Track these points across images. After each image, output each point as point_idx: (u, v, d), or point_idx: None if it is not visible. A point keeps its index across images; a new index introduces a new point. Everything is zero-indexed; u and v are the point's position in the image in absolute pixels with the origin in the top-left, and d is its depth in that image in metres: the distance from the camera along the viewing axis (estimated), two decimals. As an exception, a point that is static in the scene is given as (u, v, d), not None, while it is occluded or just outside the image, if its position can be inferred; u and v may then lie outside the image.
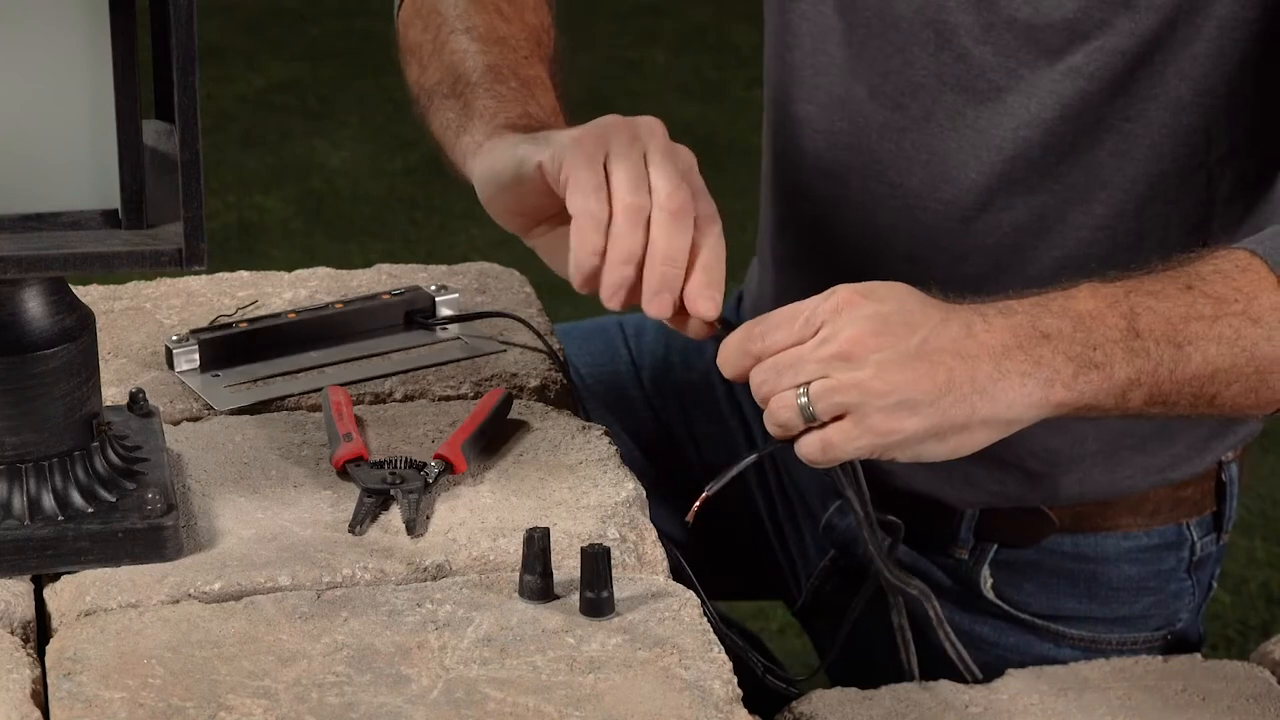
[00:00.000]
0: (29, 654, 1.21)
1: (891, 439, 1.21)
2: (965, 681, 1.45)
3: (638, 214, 1.28)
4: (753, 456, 1.30)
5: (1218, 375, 1.25)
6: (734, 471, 1.28)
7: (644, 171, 1.30)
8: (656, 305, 1.28)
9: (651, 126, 1.33)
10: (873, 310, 1.21)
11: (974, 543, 1.66)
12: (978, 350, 1.21)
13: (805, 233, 1.67)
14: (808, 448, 1.23)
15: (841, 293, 1.22)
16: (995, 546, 1.66)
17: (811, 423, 1.22)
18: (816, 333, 1.22)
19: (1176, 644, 1.68)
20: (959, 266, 1.56)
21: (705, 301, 1.29)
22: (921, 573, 1.67)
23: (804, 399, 1.21)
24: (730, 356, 1.26)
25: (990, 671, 1.47)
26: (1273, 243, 1.28)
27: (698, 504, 1.28)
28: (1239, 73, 1.47)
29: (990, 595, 1.66)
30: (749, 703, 1.19)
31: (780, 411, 1.23)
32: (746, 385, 1.78)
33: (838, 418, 1.21)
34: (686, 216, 1.28)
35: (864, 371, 1.20)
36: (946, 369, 1.20)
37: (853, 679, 1.50)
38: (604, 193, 1.29)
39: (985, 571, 1.66)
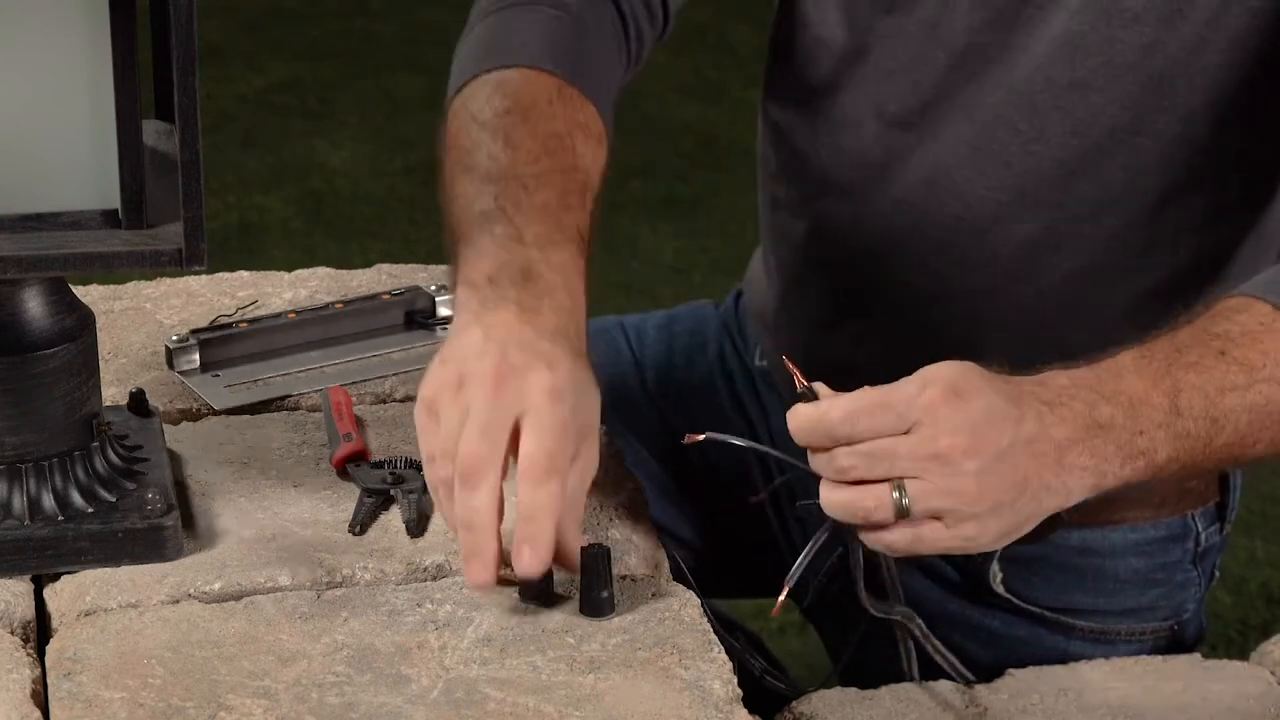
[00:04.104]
0: (29, 654, 1.21)
1: (975, 542, 1.24)
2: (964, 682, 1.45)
3: (433, 480, 1.25)
4: (821, 536, 1.27)
5: (1245, 439, 1.29)
6: (807, 554, 1.27)
7: (453, 443, 1.23)
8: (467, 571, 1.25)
9: (524, 391, 1.24)
10: (965, 416, 1.22)
11: None
12: (1046, 448, 1.23)
13: (810, 246, 1.67)
14: (897, 538, 1.23)
15: (934, 391, 1.22)
16: None
17: (901, 518, 1.22)
18: (909, 428, 1.22)
19: (1182, 634, 1.69)
20: (970, 277, 1.56)
21: (519, 557, 1.22)
22: (931, 568, 1.67)
23: (901, 497, 1.22)
24: (807, 432, 1.24)
25: (1001, 665, 1.47)
26: None
27: (782, 597, 1.26)
28: (1249, 82, 1.47)
29: (1000, 590, 1.67)
30: (749, 703, 1.19)
31: (867, 499, 1.22)
32: (751, 386, 1.80)
33: (930, 517, 1.23)
34: (479, 479, 1.22)
35: (963, 480, 1.21)
36: (1023, 470, 1.23)
37: (853, 679, 1.50)
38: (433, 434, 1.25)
39: (994, 567, 1.66)
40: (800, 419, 1.25)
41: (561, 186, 1.38)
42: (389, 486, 1.35)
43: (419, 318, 1.60)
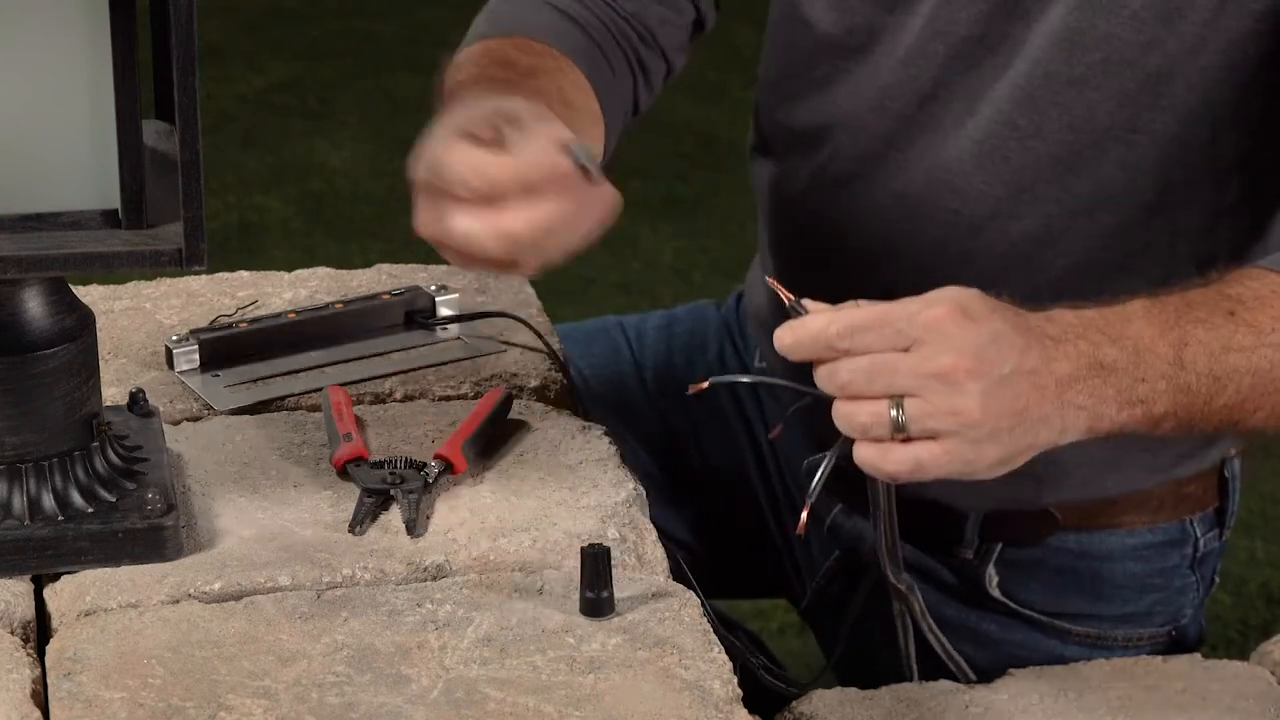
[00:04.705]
0: (29, 654, 1.21)
1: (972, 467, 1.23)
2: (962, 680, 1.45)
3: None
4: (832, 454, 1.27)
5: (1246, 403, 1.29)
6: (822, 473, 1.27)
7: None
8: None
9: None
10: (973, 337, 1.21)
11: (979, 542, 1.66)
12: (1048, 381, 1.23)
13: (807, 243, 1.67)
14: (898, 464, 1.22)
15: (940, 309, 1.22)
16: (1001, 545, 1.66)
17: (896, 434, 1.22)
18: (911, 345, 1.21)
19: (1180, 639, 1.69)
20: (965, 273, 1.56)
21: None
22: (927, 571, 1.67)
23: (898, 414, 1.21)
24: (805, 342, 1.23)
25: (997, 668, 1.47)
26: None
27: (804, 515, 1.27)
28: (1249, 83, 1.47)
29: (996, 594, 1.66)
30: (749, 703, 1.18)
31: (864, 415, 1.21)
32: (750, 387, 1.80)
33: (926, 437, 1.22)
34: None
35: (966, 400, 1.20)
36: (1024, 400, 1.22)
37: (854, 678, 1.50)
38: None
39: (991, 570, 1.66)
40: (796, 332, 1.24)
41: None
42: (389, 486, 1.35)
43: (419, 318, 1.60)
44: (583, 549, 1.24)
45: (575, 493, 1.37)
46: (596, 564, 1.24)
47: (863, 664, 1.59)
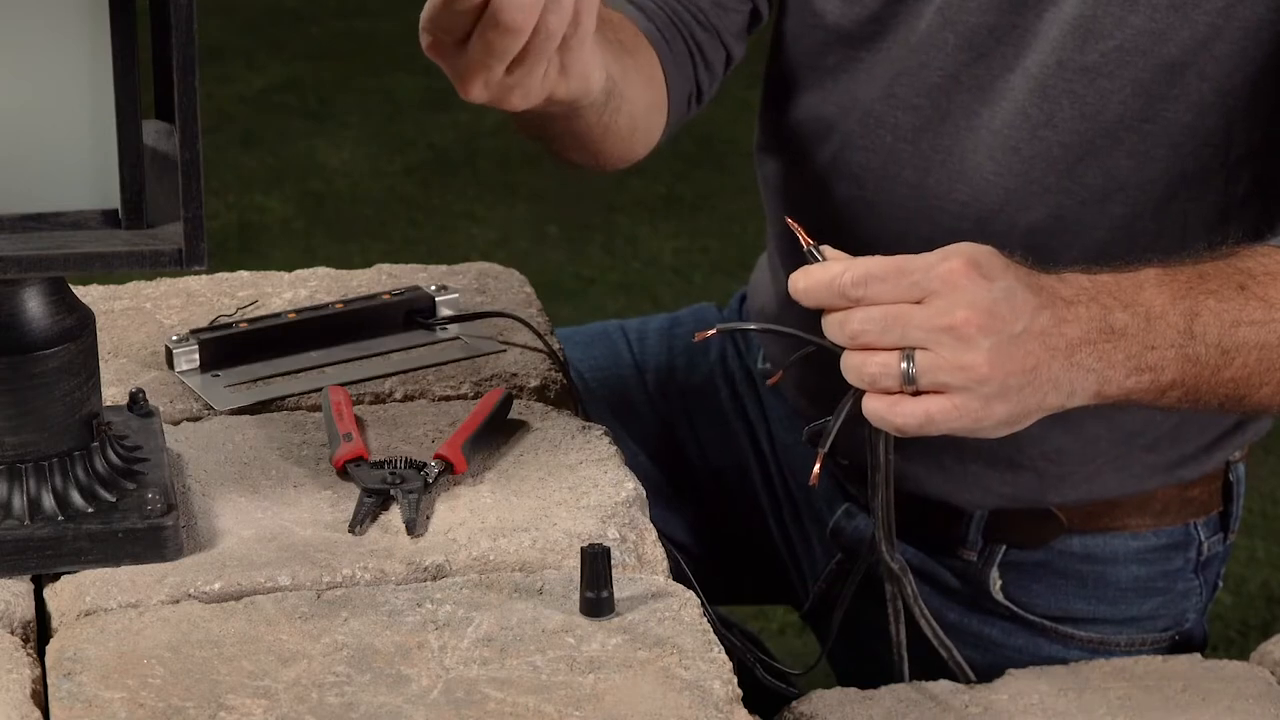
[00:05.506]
0: (29, 654, 1.21)
1: (982, 424, 1.23)
2: (959, 673, 1.45)
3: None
4: (843, 405, 1.26)
5: (1252, 378, 1.30)
6: (838, 415, 1.26)
7: None
8: None
9: None
10: (985, 292, 1.21)
11: (983, 544, 1.66)
12: (1059, 342, 1.23)
13: (816, 236, 1.67)
14: (907, 417, 1.22)
15: (955, 262, 1.22)
16: (1004, 548, 1.66)
17: (906, 387, 1.22)
18: (924, 297, 1.21)
19: (1183, 644, 1.69)
20: None
21: None
22: (931, 575, 1.67)
23: (908, 367, 1.21)
24: (817, 288, 1.24)
25: (998, 673, 1.47)
26: None
27: (817, 467, 1.26)
28: (1262, 74, 1.47)
29: (999, 596, 1.66)
30: (749, 703, 1.19)
31: (873, 365, 1.22)
32: (752, 389, 1.80)
33: (935, 390, 1.22)
34: None
35: (975, 355, 1.20)
36: (1035, 358, 1.22)
37: (856, 679, 1.50)
38: None
39: (994, 573, 1.66)
40: (811, 278, 1.24)
41: None
42: (389, 486, 1.35)
43: (419, 318, 1.60)
44: (583, 549, 1.24)
45: (575, 493, 1.37)
46: (596, 564, 1.24)
47: (861, 661, 1.59)
